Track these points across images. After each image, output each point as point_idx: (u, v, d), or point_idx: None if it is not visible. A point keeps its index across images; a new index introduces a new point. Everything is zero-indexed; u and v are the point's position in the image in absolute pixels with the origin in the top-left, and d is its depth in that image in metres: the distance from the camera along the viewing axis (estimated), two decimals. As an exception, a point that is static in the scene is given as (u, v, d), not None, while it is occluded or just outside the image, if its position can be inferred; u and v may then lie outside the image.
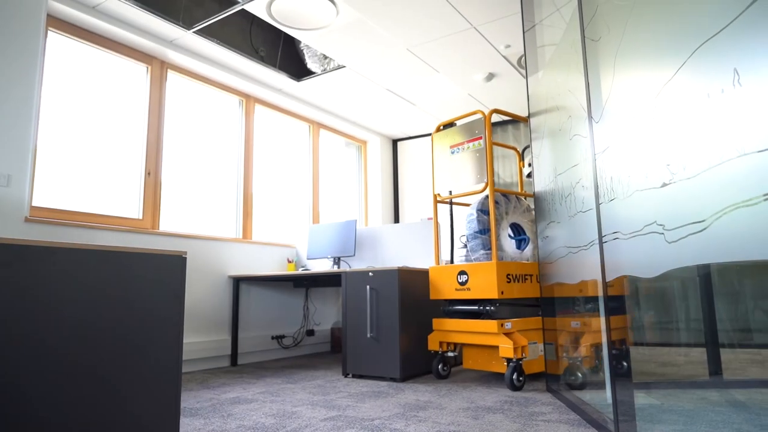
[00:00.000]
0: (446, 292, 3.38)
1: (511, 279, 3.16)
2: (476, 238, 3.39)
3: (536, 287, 3.28)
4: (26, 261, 1.47)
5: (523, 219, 3.61)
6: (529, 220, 3.63)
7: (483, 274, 3.18)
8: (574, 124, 2.33)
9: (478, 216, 3.42)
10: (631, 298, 2.07)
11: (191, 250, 3.95)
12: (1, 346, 1.39)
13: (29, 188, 3.14)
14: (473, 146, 3.47)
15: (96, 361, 1.59)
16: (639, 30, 1.63)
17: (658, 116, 1.45)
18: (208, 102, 4.58)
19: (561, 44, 2.65)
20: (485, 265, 3.18)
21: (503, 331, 3.04)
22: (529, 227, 3.61)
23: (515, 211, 3.55)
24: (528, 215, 3.65)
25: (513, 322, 3.09)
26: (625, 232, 1.70)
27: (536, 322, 3.25)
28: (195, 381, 3.42)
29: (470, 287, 3.23)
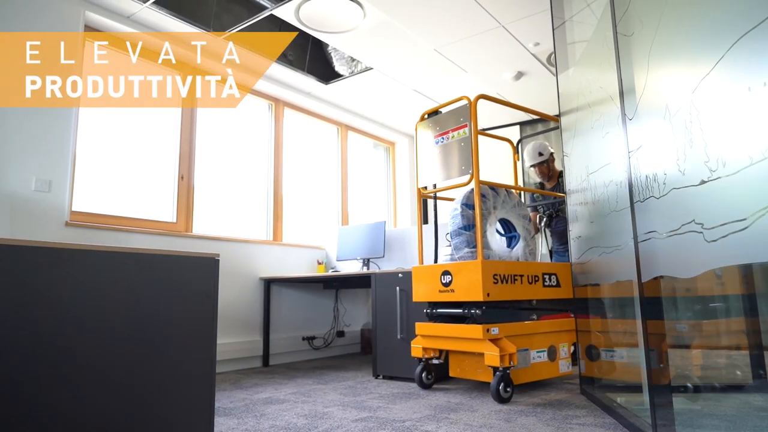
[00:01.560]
0: (429, 294, 3.10)
1: (498, 279, 2.84)
2: (460, 234, 3.08)
3: (528, 288, 3.00)
4: (66, 264, 1.52)
5: (514, 214, 3.33)
6: (520, 216, 3.35)
7: (467, 275, 2.86)
8: (607, 121, 2.28)
9: (463, 211, 3.10)
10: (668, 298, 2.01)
11: (223, 252, 4.01)
12: (43, 345, 1.44)
13: (69, 193, 3.25)
14: (458, 135, 3.12)
15: (132, 361, 1.63)
16: (674, 24, 1.58)
17: (696, 112, 1.40)
18: (239, 106, 4.65)
19: (592, 41, 2.60)
20: (470, 264, 2.87)
21: (489, 336, 2.74)
22: (521, 223, 3.34)
23: (504, 205, 3.25)
24: (519, 210, 3.36)
25: (501, 327, 2.80)
26: (662, 232, 1.66)
27: (529, 327, 2.99)
28: (228, 381, 3.47)
29: (454, 289, 2.92)
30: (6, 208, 2.89)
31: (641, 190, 1.83)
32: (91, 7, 3.45)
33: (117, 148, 3.73)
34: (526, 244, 3.31)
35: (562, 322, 3.16)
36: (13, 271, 1.39)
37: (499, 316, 2.87)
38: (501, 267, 2.90)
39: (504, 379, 2.67)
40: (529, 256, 3.29)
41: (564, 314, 3.20)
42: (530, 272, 3.04)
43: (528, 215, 3.44)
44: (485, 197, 3.13)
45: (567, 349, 3.18)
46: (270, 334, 4.33)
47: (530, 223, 3.42)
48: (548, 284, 3.11)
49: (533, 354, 2.97)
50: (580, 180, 2.86)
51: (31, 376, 1.40)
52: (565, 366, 3.15)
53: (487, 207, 3.15)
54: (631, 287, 1.99)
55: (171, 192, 3.97)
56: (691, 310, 2.43)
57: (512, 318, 2.93)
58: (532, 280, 3.04)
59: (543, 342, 3.04)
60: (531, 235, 3.39)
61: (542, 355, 3.02)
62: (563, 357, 3.14)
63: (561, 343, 3.14)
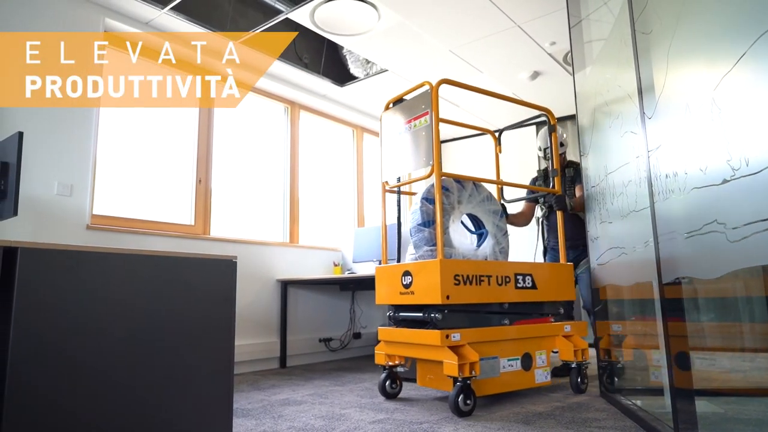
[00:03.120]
0: (390, 296, 2.85)
1: (461, 280, 2.57)
2: (420, 231, 2.85)
3: (498, 291, 2.73)
4: (87, 266, 1.54)
5: (482, 209, 3.07)
6: (489, 211, 3.08)
7: (426, 275, 2.61)
8: (626, 120, 2.25)
9: (422, 206, 2.87)
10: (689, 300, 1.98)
11: (240, 254, 4.04)
12: (63, 344, 1.46)
13: (90, 197, 3.30)
14: (420, 123, 2.86)
15: (152, 362, 1.65)
16: (694, 20, 1.56)
17: (717, 110, 1.38)
18: (255, 110, 4.69)
19: (610, 39, 2.57)
20: (429, 264, 2.62)
21: (449, 343, 2.48)
22: (490, 219, 3.07)
23: (471, 200, 3.01)
24: (488, 205, 3.09)
25: (464, 332, 2.53)
26: (682, 232, 1.63)
27: (499, 333, 2.70)
28: (246, 382, 3.50)
29: (414, 290, 2.67)
30: (29, 212, 2.95)
31: (661, 190, 1.80)
32: (110, 14, 3.51)
33: (136, 153, 3.79)
34: (496, 242, 3.06)
35: (540, 327, 2.91)
36: (36, 274, 1.42)
37: (464, 321, 2.62)
38: (464, 267, 2.63)
39: (464, 390, 2.42)
40: (500, 254, 3.04)
41: (543, 319, 2.96)
42: (500, 273, 2.76)
43: (499, 210, 3.17)
44: (449, 191, 2.92)
45: (545, 357, 2.89)
46: (287, 335, 4.35)
47: (502, 219, 3.16)
48: (522, 286, 2.84)
49: (504, 362, 2.69)
50: (598, 180, 2.83)
51: (52, 377, 1.42)
52: (542, 376, 2.85)
53: (450, 201, 2.92)
54: None
55: (189, 195, 4.02)
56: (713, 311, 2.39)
57: (480, 323, 2.67)
58: (502, 281, 2.76)
59: (516, 349, 2.76)
60: (503, 231, 3.13)
61: (514, 363, 2.74)
62: (540, 366, 2.85)
63: (538, 351, 2.86)
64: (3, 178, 1.84)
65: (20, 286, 1.38)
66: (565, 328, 2.98)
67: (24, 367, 1.37)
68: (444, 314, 2.55)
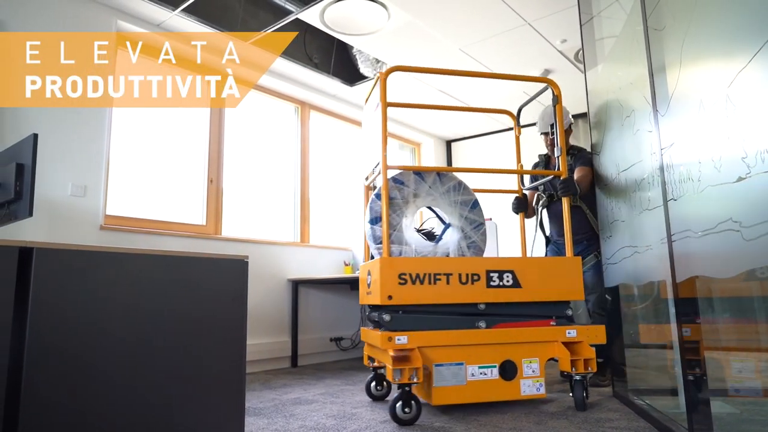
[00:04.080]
0: (362, 296, 2.83)
1: (407, 280, 2.43)
2: (371, 228, 2.71)
3: (461, 290, 2.50)
4: (101, 266, 1.56)
5: (446, 201, 2.78)
6: (455, 203, 2.78)
7: (374, 275, 2.55)
8: (638, 118, 2.23)
9: (373, 202, 2.72)
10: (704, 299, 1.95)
11: (252, 254, 4.04)
12: (77, 343, 1.48)
13: (103, 198, 3.34)
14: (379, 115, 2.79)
15: (164, 361, 1.66)
16: (707, 16, 1.54)
17: (732, 107, 1.36)
18: (265, 110, 4.71)
19: (621, 36, 2.54)
20: (375, 263, 2.54)
21: (392, 346, 2.34)
22: (456, 212, 2.76)
23: (432, 191, 2.77)
24: (455, 196, 2.80)
25: (413, 335, 2.37)
26: (697, 231, 1.61)
27: (465, 337, 2.47)
28: (258, 381, 3.52)
29: (372, 290, 2.60)
30: (44, 212, 2.98)
31: (674, 188, 1.79)
32: (122, 16, 3.54)
33: (148, 153, 3.82)
34: (463, 236, 2.74)
35: (528, 331, 2.54)
36: (51, 274, 1.44)
37: (419, 323, 2.45)
38: (412, 265, 2.46)
39: (403, 397, 2.28)
40: (468, 250, 2.72)
41: (537, 322, 2.59)
42: (464, 270, 2.51)
43: (470, 200, 2.83)
44: (404, 184, 2.73)
45: (537, 366, 2.51)
46: (298, 335, 4.37)
47: (475, 211, 2.82)
48: (497, 284, 2.53)
49: (472, 370, 2.43)
50: (610, 178, 2.81)
51: (67, 375, 1.44)
52: (531, 387, 2.50)
53: (404, 196, 2.71)
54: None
55: (201, 195, 4.04)
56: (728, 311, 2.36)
57: (443, 325, 2.47)
58: (468, 279, 2.51)
59: (492, 356, 2.47)
60: (474, 224, 2.79)
61: (489, 371, 2.46)
62: (530, 376, 2.50)
63: (526, 358, 2.51)
64: (18, 180, 1.86)
65: (36, 286, 1.40)
66: (567, 333, 2.54)
67: (40, 365, 1.38)
68: (396, 315, 2.43)
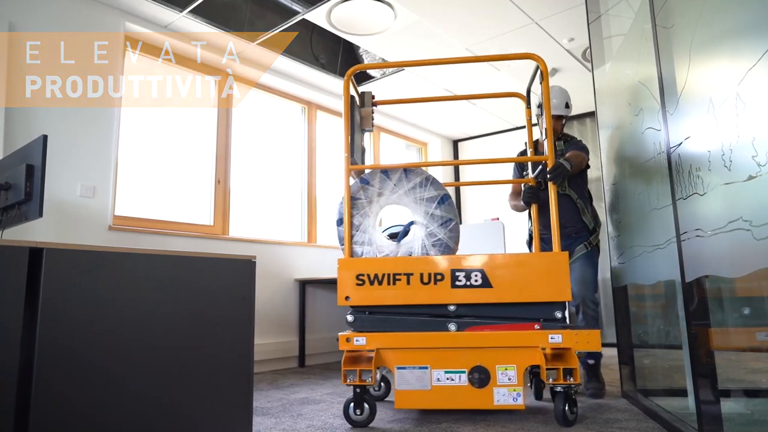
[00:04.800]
0: None
1: (365, 281, 2.40)
2: (337, 230, 2.66)
3: (426, 291, 2.38)
4: (110, 266, 1.57)
5: (411, 198, 2.62)
6: (421, 199, 2.61)
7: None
8: (646, 116, 2.22)
9: (340, 203, 2.67)
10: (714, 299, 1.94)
11: (259, 254, 4.06)
12: (87, 342, 1.49)
13: (112, 199, 3.36)
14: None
15: (172, 361, 1.67)
16: (717, 13, 1.53)
17: (742, 105, 1.35)
18: (272, 110, 4.72)
19: (630, 34, 2.53)
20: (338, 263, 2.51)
21: (350, 347, 2.34)
22: (421, 208, 2.58)
23: (396, 189, 2.65)
24: (421, 192, 2.63)
25: (375, 336, 2.34)
26: (706, 230, 1.60)
27: (430, 340, 2.34)
28: (265, 381, 3.53)
29: None
30: (54, 213, 3.01)
31: (684, 187, 1.77)
32: (131, 18, 3.56)
33: (156, 154, 3.84)
34: (428, 234, 2.57)
35: (507, 336, 2.31)
36: (61, 274, 1.45)
37: (383, 324, 2.40)
38: (369, 265, 2.43)
39: (355, 399, 2.28)
40: (433, 248, 2.53)
41: (517, 325, 2.34)
42: (425, 269, 2.40)
43: (437, 196, 2.60)
44: (369, 184, 2.66)
45: (514, 374, 2.26)
46: (306, 334, 4.37)
47: (442, 206, 2.58)
48: (463, 284, 2.36)
49: (438, 374, 2.31)
50: (619, 177, 2.79)
51: (77, 375, 1.45)
52: (507, 397, 2.26)
53: (369, 195, 2.63)
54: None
55: (208, 195, 4.06)
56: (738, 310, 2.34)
57: (410, 327, 2.38)
58: (431, 279, 2.39)
59: (461, 361, 2.31)
60: (441, 221, 2.57)
61: (457, 377, 2.31)
62: (505, 384, 2.26)
63: (501, 365, 2.29)
64: (29, 181, 1.87)
65: (46, 285, 1.41)
66: (550, 338, 2.26)
67: (50, 364, 1.40)
68: (360, 316, 2.41)
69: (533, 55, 2.51)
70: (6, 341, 1.32)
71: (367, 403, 2.29)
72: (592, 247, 2.94)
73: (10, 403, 1.32)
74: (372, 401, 2.31)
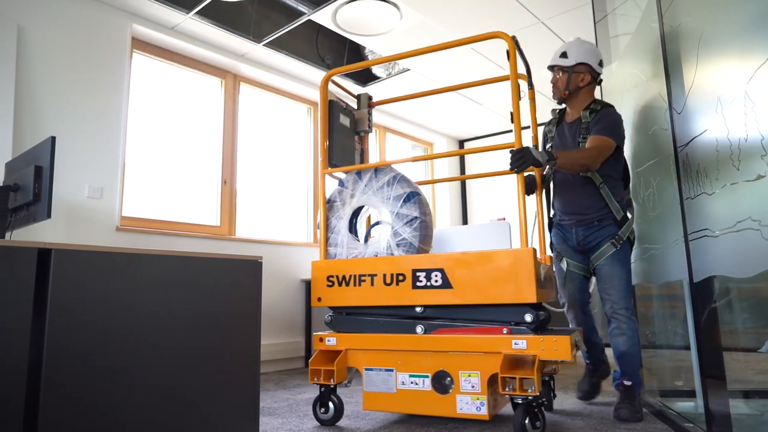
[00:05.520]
0: None
1: (335, 282, 2.40)
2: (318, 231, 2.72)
3: (389, 292, 2.29)
4: (118, 267, 1.58)
5: (379, 198, 2.55)
6: (387, 198, 2.54)
7: None
8: (654, 116, 2.21)
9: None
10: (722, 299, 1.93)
11: (265, 254, 4.09)
12: (95, 342, 1.50)
13: (119, 200, 3.38)
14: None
15: (179, 361, 1.68)
16: (724, 12, 1.52)
17: (750, 104, 1.34)
18: (279, 111, 4.73)
19: (636, 33, 2.52)
20: None
21: (322, 347, 2.38)
22: (387, 208, 2.52)
23: (367, 189, 2.61)
24: (388, 191, 2.56)
25: (344, 337, 2.36)
26: (714, 229, 1.59)
27: (395, 342, 2.25)
28: (271, 381, 3.53)
29: None
30: (62, 214, 3.03)
31: (691, 187, 1.76)
32: (137, 20, 3.58)
33: (163, 155, 3.86)
34: (393, 234, 2.48)
35: (470, 340, 2.12)
36: (68, 274, 1.46)
37: (355, 325, 2.39)
38: (338, 267, 2.43)
39: (321, 399, 2.31)
40: (398, 248, 2.43)
41: (487, 329, 2.13)
42: (387, 270, 2.31)
43: (403, 194, 2.50)
44: (344, 186, 2.66)
45: (478, 381, 2.08)
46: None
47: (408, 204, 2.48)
48: (424, 285, 2.23)
49: (403, 378, 2.23)
50: (625, 177, 2.77)
51: (86, 374, 1.46)
52: (470, 405, 2.09)
53: (343, 198, 2.62)
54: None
55: (215, 196, 4.08)
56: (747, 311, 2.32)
57: (378, 328, 2.33)
58: (393, 279, 2.30)
59: (425, 365, 2.20)
60: (407, 219, 2.46)
61: (421, 381, 2.20)
62: (468, 391, 2.10)
63: (464, 371, 2.12)
64: (37, 182, 1.89)
65: (54, 286, 1.42)
66: (513, 343, 2.03)
67: (59, 364, 1.41)
68: (336, 316, 2.43)
69: (499, 33, 2.38)
70: (15, 342, 1.33)
71: (332, 402, 2.31)
72: (622, 243, 2.40)
73: (20, 403, 1.33)
74: (338, 401, 2.32)
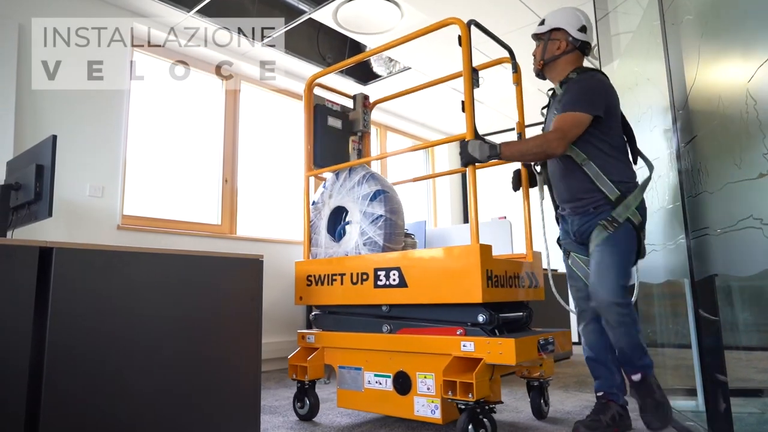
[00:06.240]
0: None
1: (313, 281, 2.48)
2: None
3: (356, 291, 2.30)
4: (119, 265, 1.58)
5: (351, 197, 2.54)
6: (357, 198, 2.52)
7: None
8: (655, 114, 2.20)
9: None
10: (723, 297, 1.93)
11: (266, 253, 4.07)
12: (95, 342, 1.50)
13: (120, 198, 3.38)
14: None
15: (181, 359, 1.68)
16: (726, 10, 1.51)
17: (752, 102, 1.34)
18: (279, 109, 4.73)
19: (638, 31, 2.52)
20: None
21: (304, 344, 2.46)
22: (356, 207, 2.51)
23: (341, 189, 2.62)
24: (359, 190, 2.54)
25: (321, 335, 2.42)
26: (716, 228, 1.59)
27: (363, 341, 2.26)
28: (273, 380, 3.54)
29: None
30: (63, 213, 3.03)
31: (693, 185, 1.76)
32: (138, 18, 3.57)
33: (164, 154, 3.86)
34: (361, 233, 2.46)
35: (426, 341, 2.07)
36: (70, 273, 1.46)
37: (332, 323, 2.45)
38: (315, 267, 2.51)
39: (296, 394, 2.42)
40: (364, 247, 2.42)
41: (445, 329, 2.07)
42: (354, 269, 2.33)
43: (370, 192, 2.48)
44: (325, 186, 2.74)
45: (433, 383, 2.03)
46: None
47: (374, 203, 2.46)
48: (383, 284, 2.21)
49: (369, 377, 2.24)
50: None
51: (87, 373, 1.46)
52: (425, 408, 2.04)
53: (323, 198, 2.69)
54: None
55: (216, 195, 4.08)
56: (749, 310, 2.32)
57: (352, 327, 2.36)
58: (358, 279, 2.31)
59: (386, 365, 2.18)
60: (372, 218, 2.43)
61: (383, 381, 2.19)
62: (424, 393, 2.05)
63: (420, 372, 2.07)
64: (38, 181, 1.89)
65: (56, 285, 1.42)
66: (462, 345, 1.95)
67: (60, 362, 1.41)
68: (320, 315, 2.52)
69: (453, 19, 2.42)
70: (16, 340, 1.34)
71: (307, 397, 2.38)
72: (618, 225, 1.97)
73: (21, 402, 1.33)
74: (314, 398, 2.40)
